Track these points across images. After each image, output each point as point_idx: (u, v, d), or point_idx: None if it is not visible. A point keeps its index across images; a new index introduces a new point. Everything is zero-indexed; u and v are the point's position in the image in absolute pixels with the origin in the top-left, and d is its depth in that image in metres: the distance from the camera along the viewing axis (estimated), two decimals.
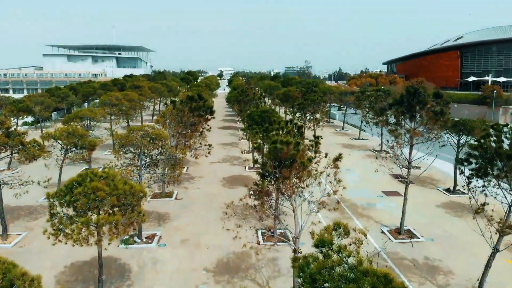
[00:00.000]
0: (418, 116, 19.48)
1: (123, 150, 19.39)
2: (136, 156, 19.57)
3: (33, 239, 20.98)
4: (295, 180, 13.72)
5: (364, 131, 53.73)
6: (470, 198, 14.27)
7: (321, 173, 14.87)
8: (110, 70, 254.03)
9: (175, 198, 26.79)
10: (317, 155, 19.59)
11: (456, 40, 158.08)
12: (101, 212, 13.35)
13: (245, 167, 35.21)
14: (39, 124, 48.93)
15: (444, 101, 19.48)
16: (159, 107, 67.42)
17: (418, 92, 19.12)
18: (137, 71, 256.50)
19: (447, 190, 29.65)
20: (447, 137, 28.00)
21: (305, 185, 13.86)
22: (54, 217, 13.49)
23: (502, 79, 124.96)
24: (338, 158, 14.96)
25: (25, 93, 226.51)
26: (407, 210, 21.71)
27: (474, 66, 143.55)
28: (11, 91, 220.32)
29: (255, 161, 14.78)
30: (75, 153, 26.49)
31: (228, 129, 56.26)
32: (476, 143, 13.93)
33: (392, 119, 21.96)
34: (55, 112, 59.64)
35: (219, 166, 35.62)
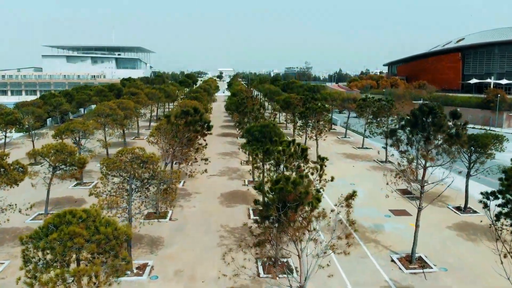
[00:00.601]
0: (433, 138, 17.92)
1: (111, 174, 17.81)
2: (126, 180, 18.00)
3: (17, 268, 19.37)
4: (301, 222, 12.13)
5: (367, 137, 52.15)
6: (496, 239, 12.72)
7: (331, 211, 13.31)
8: (110, 71, 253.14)
9: (170, 219, 25.22)
10: (322, 179, 18.11)
11: (457, 42, 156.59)
12: (81, 257, 11.83)
13: (244, 180, 33.64)
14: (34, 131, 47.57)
15: (461, 121, 17.93)
16: (157, 113, 65.88)
17: (434, 112, 17.57)
18: (136, 72, 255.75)
19: (458, 208, 28.09)
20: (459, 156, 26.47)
21: (312, 228, 12.25)
22: (28, 263, 11.95)
23: (504, 81, 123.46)
24: (351, 196, 13.35)
25: (23, 95, 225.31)
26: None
27: (476, 68, 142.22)
28: (9, 92, 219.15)
29: (255, 202, 13.39)
30: (64, 171, 24.98)
31: (227, 137, 54.58)
32: (505, 178, 12.40)
33: (401, 133, 20.37)
34: (50, 118, 58.07)
35: (217, 180, 34.04)
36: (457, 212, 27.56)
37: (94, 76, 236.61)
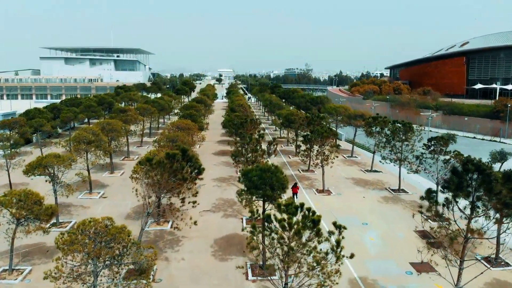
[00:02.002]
0: (481, 205, 14.17)
1: (70, 255, 13.98)
2: (89, 260, 14.20)
3: None
4: None
5: (372, 152, 48.16)
6: None
7: None
8: (108, 74, 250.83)
9: (153, 280, 21.38)
10: (340, 261, 14.32)
11: (461, 45, 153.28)
12: None
13: (242, 219, 29.77)
14: (19, 149, 44.19)
15: None
16: (150, 127, 62.02)
17: (483, 171, 13.80)
18: (135, 74, 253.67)
19: (487, 259, 24.22)
20: None
21: None
22: None
23: (510, 86, 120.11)
24: None
25: (19, 99, 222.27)
26: None
27: (481, 73, 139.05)
28: (5, 96, 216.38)
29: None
30: (29, 222, 21.19)
31: (223, 156, 50.47)
32: None
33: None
34: (34, 134, 54.20)
35: (211, 218, 30.19)
36: (487, 265, 23.67)
37: (91, 79, 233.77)
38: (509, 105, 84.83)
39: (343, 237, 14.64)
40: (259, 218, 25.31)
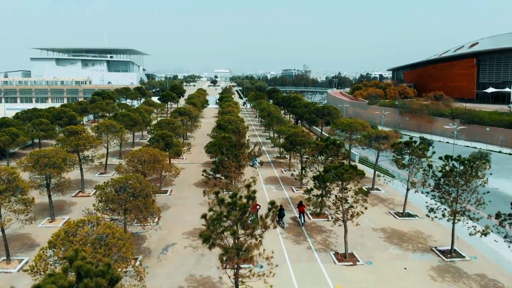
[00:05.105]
0: None
1: None
2: None
3: None
4: None
5: (392, 176, 37.31)
6: None
7: None
8: (99, 75, 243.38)
9: None
10: None
11: (470, 46, 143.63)
12: None
13: None
14: None
15: None
16: (121, 145, 50.66)
17: None
18: (128, 75, 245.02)
19: None
20: None
21: None
22: None
23: None
24: None
25: (3, 102, 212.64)
26: None
27: (493, 75, 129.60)
28: None
29: None
30: None
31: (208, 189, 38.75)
32: None
33: None
34: None
35: None
36: None
37: (79, 82, 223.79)
38: None
39: None
40: None
